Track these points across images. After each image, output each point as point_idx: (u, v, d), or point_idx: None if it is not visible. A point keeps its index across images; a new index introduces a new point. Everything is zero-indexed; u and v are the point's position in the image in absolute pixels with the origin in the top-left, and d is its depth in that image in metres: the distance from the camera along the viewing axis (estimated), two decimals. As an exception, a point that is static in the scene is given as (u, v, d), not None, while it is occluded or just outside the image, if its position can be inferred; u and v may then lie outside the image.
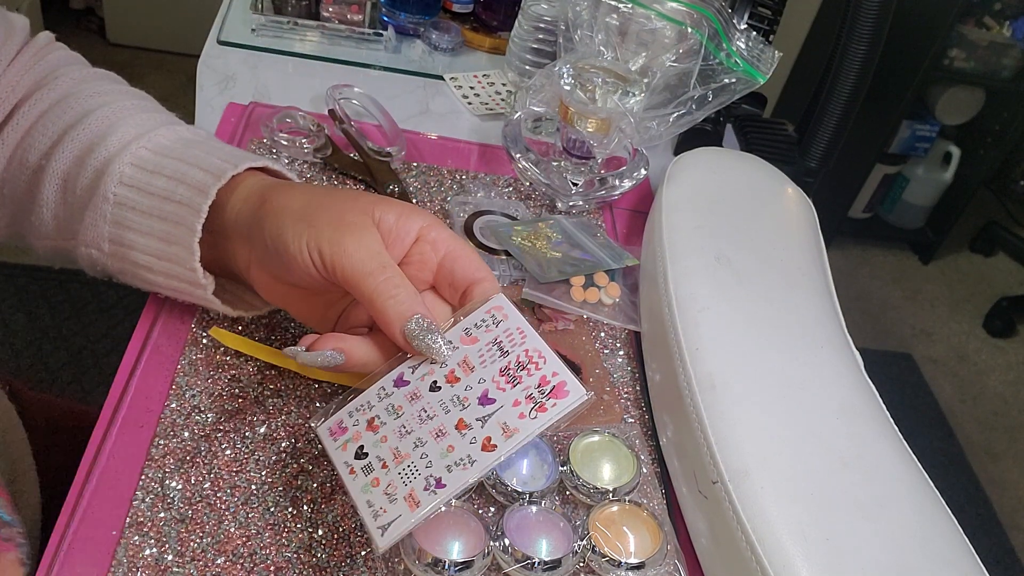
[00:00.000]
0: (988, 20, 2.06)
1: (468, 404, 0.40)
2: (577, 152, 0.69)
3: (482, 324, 0.42)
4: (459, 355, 0.42)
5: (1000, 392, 2.06)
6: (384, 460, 0.40)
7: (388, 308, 0.40)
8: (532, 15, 0.80)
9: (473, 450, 0.39)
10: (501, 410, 0.40)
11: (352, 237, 0.41)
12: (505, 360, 0.41)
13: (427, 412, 0.41)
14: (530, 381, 0.40)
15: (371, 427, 0.41)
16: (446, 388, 0.41)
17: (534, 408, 0.39)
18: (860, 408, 0.49)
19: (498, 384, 0.40)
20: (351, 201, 0.43)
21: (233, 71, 0.78)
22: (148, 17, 2.25)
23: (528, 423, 0.39)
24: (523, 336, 0.41)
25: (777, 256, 0.58)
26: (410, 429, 0.40)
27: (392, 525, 0.38)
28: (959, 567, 0.43)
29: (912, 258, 2.46)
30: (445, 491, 0.38)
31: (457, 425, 0.40)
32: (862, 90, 0.76)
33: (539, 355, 0.41)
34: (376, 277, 0.41)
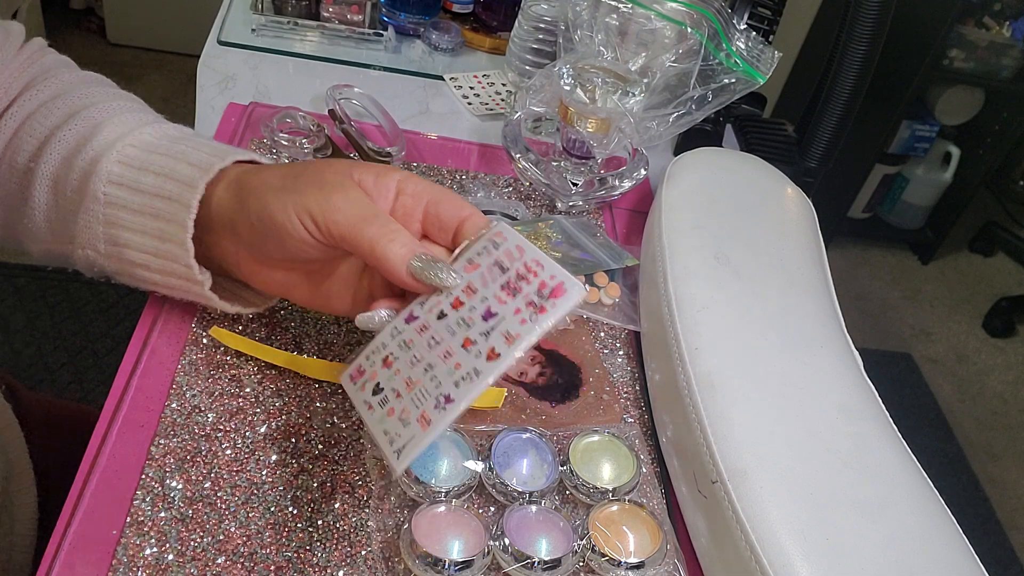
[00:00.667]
0: (988, 20, 2.07)
1: (472, 323, 0.40)
2: (577, 152, 0.69)
3: (482, 251, 0.43)
4: (463, 282, 0.42)
5: (999, 392, 2.06)
6: (398, 390, 0.41)
7: (389, 252, 0.41)
8: (532, 15, 0.81)
9: (479, 363, 0.39)
10: (503, 321, 0.40)
11: (339, 194, 0.42)
12: (505, 276, 0.41)
13: (435, 339, 0.41)
14: (529, 288, 0.40)
15: (386, 364, 0.42)
16: (451, 313, 0.41)
17: (534, 311, 0.39)
18: (859, 408, 0.49)
19: (500, 299, 0.41)
20: (328, 166, 0.44)
21: (233, 71, 0.78)
22: (148, 17, 2.25)
23: (529, 327, 0.39)
24: (521, 252, 0.41)
25: (777, 256, 0.59)
26: (420, 357, 0.41)
27: (407, 447, 0.39)
28: (958, 567, 0.43)
29: (912, 258, 2.47)
30: (454, 405, 0.39)
31: (463, 344, 0.40)
32: (862, 90, 0.76)
33: (537, 264, 0.41)
34: (371, 224, 0.41)
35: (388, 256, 0.40)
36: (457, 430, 0.48)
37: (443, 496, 0.44)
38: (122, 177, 0.45)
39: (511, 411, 0.51)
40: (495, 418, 0.50)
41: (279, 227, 0.42)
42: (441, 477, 0.45)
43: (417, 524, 0.42)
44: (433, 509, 0.44)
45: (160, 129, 0.49)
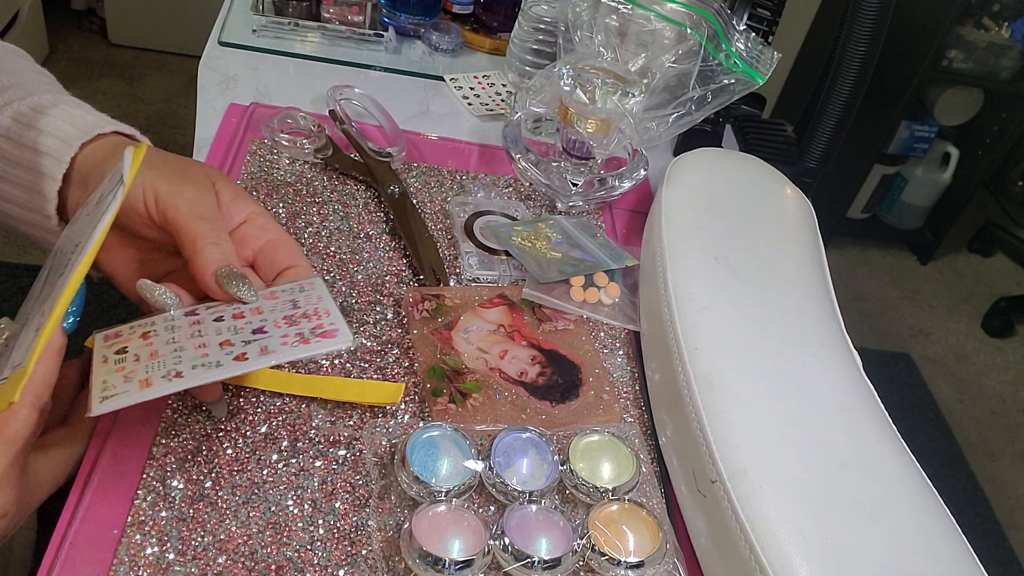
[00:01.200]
0: (987, 21, 2.07)
1: (241, 332, 0.42)
2: (577, 153, 0.70)
3: (289, 290, 0.45)
4: (256, 302, 0.44)
5: (998, 392, 2.07)
6: (139, 355, 0.41)
7: (208, 251, 0.43)
8: (532, 16, 0.81)
9: (224, 359, 0.40)
10: (267, 338, 0.41)
11: (193, 188, 0.44)
12: (293, 311, 0.43)
13: (200, 332, 0.42)
14: (306, 326, 0.42)
15: (143, 336, 0.43)
16: (228, 321, 0.43)
17: (299, 340, 0.41)
18: (858, 408, 0.49)
19: (276, 323, 0.42)
20: (196, 165, 0.47)
21: (234, 72, 0.79)
22: (149, 18, 2.25)
23: (287, 349, 0.40)
24: (319, 300, 0.43)
25: (776, 256, 0.59)
26: (177, 340, 0.42)
27: (114, 397, 0.39)
28: (957, 566, 0.43)
29: (911, 258, 2.47)
30: (180, 381, 0.39)
31: (221, 343, 0.41)
32: (861, 91, 0.76)
33: (327, 312, 0.43)
34: (206, 223, 0.43)
35: (204, 254, 0.43)
36: (457, 429, 0.48)
37: (443, 495, 0.45)
38: (9, 131, 0.48)
39: (511, 411, 0.51)
40: (495, 418, 0.50)
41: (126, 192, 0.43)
42: (441, 477, 0.45)
43: (417, 523, 0.42)
44: (433, 508, 0.44)
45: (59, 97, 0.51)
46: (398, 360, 0.54)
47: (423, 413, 0.51)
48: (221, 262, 0.43)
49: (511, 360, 0.55)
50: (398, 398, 0.49)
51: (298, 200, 0.63)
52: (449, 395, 0.51)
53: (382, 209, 0.65)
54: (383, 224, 0.64)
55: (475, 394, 0.52)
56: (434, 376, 0.52)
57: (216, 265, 0.43)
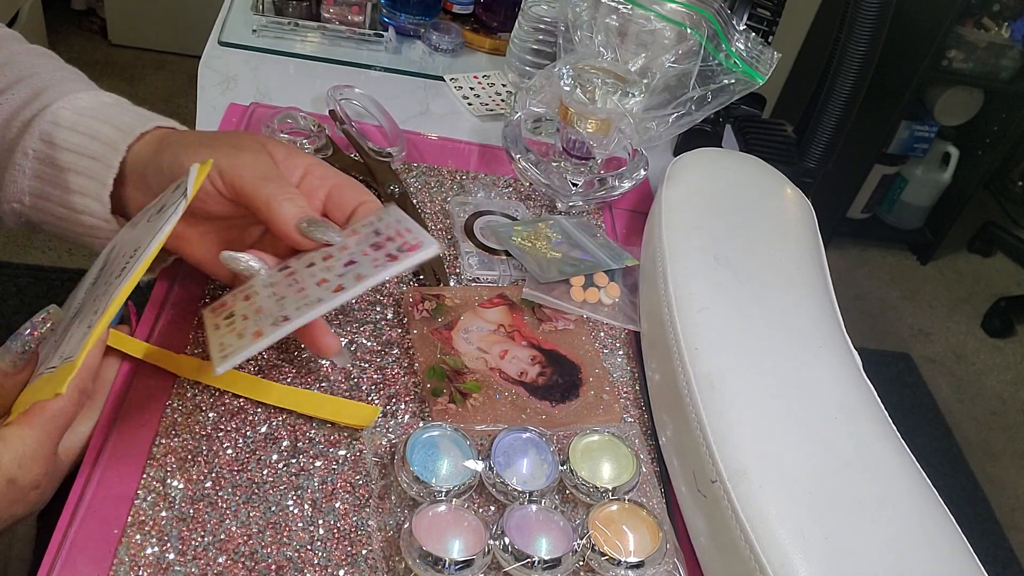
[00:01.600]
0: (987, 21, 2.07)
1: (332, 268, 0.44)
2: (577, 153, 0.70)
3: (368, 223, 0.46)
4: (342, 242, 0.46)
5: (998, 392, 2.07)
6: (246, 314, 0.44)
7: (284, 208, 0.44)
8: (532, 16, 0.81)
9: (324, 294, 0.42)
10: (358, 266, 0.43)
11: (250, 155, 0.46)
12: (377, 238, 0.45)
13: (297, 281, 0.44)
14: (392, 245, 0.44)
15: (246, 299, 0.45)
16: (319, 264, 0.45)
17: (387, 259, 0.43)
18: (858, 408, 0.49)
19: (364, 251, 0.44)
20: (245, 135, 0.48)
21: (234, 72, 0.79)
22: (149, 18, 2.25)
23: (379, 270, 0.42)
24: (398, 222, 0.45)
25: (776, 256, 0.59)
26: (277, 293, 0.44)
27: (233, 353, 0.42)
28: (957, 566, 0.43)
29: (910, 258, 2.47)
30: (289, 324, 0.41)
31: (318, 282, 0.43)
32: (861, 91, 0.76)
33: (407, 230, 0.45)
34: (273, 183, 0.45)
35: (282, 212, 0.44)
36: (457, 429, 0.48)
37: (443, 495, 0.45)
38: (52, 136, 0.48)
39: (511, 411, 0.51)
40: (495, 418, 0.50)
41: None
42: (441, 477, 0.45)
43: (417, 523, 0.42)
44: (433, 508, 0.44)
45: (95, 96, 0.51)
46: (398, 360, 0.54)
47: (423, 413, 0.51)
48: (299, 214, 0.44)
49: (511, 360, 0.55)
50: (371, 422, 0.48)
51: (298, 200, 0.63)
52: (449, 395, 0.51)
53: (382, 209, 0.65)
54: (383, 224, 0.64)
55: (475, 394, 0.52)
56: (434, 376, 0.52)
57: (294, 219, 0.44)
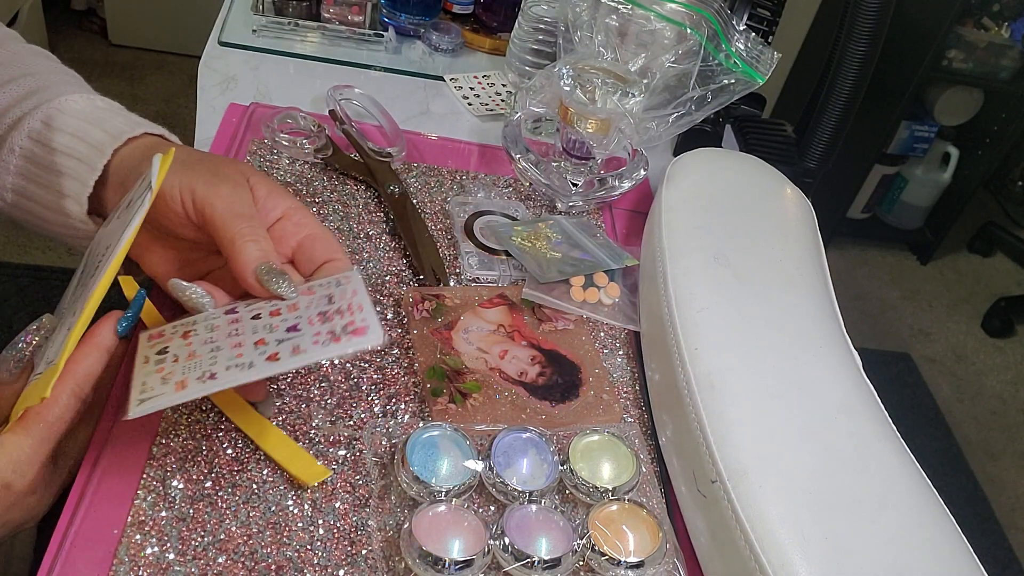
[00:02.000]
0: (987, 21, 2.07)
1: (276, 329, 0.42)
2: (577, 153, 0.70)
3: (325, 284, 0.45)
4: (294, 299, 0.44)
5: (998, 392, 2.07)
6: (178, 356, 0.42)
7: (248, 248, 0.43)
8: (532, 16, 0.81)
9: (257, 358, 0.41)
10: (300, 336, 0.42)
11: (228, 186, 0.44)
12: (328, 307, 0.43)
13: (237, 332, 0.43)
14: (340, 322, 0.42)
15: (184, 336, 0.44)
16: (265, 319, 0.43)
17: (330, 339, 0.41)
18: (858, 408, 0.49)
19: (310, 320, 0.42)
20: (230, 163, 0.47)
21: (234, 72, 0.79)
22: (149, 18, 2.25)
23: (318, 348, 0.41)
24: (354, 294, 0.43)
25: (776, 256, 0.59)
26: (216, 342, 0.43)
27: (152, 399, 0.40)
28: (957, 566, 0.43)
29: (910, 258, 2.47)
30: (213, 383, 0.40)
31: (256, 342, 0.42)
32: (861, 91, 0.76)
33: (360, 307, 0.43)
34: (244, 221, 0.44)
35: (244, 253, 0.43)
36: (457, 429, 0.48)
37: (443, 495, 0.45)
38: (40, 134, 0.48)
39: (511, 411, 0.51)
40: (495, 418, 0.50)
41: (161, 194, 0.44)
42: (441, 477, 0.45)
43: (417, 523, 0.42)
44: (433, 508, 0.44)
45: (88, 99, 0.51)
46: (398, 360, 0.54)
47: (423, 413, 0.51)
48: (261, 259, 0.43)
49: (511, 360, 0.55)
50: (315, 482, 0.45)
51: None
52: (449, 395, 0.51)
53: (382, 209, 0.65)
54: (383, 224, 0.64)
55: (475, 394, 0.52)
56: (434, 376, 0.52)
57: (256, 262, 0.43)
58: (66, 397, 0.41)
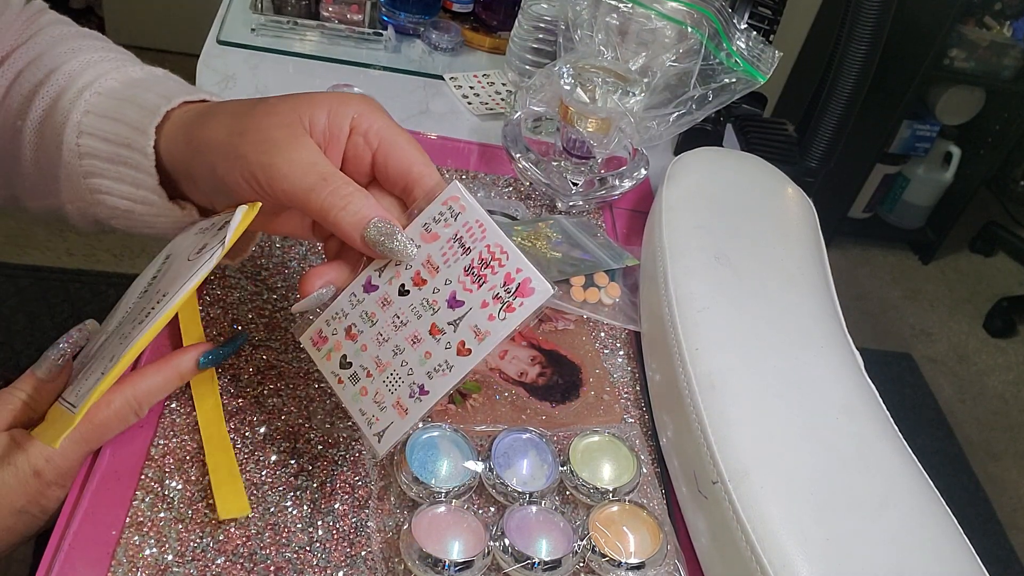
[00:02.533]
0: (988, 20, 2.06)
1: (438, 307, 0.40)
2: (577, 152, 0.69)
3: (440, 218, 0.41)
4: (422, 254, 0.41)
5: (1000, 392, 2.06)
6: (368, 369, 0.41)
7: (341, 220, 0.39)
8: (532, 15, 0.80)
9: (449, 355, 0.40)
10: (471, 312, 0.40)
11: (281, 156, 0.39)
12: (468, 258, 0.40)
13: (400, 318, 0.41)
14: (495, 280, 0.40)
15: (349, 336, 0.42)
16: (414, 291, 0.41)
17: (502, 308, 0.39)
18: (860, 408, 0.49)
19: (464, 285, 0.40)
20: (274, 115, 0.41)
21: (233, 71, 0.78)
22: (148, 16, 2.25)
23: (498, 325, 0.39)
24: (483, 230, 0.40)
25: (777, 256, 0.58)
26: (387, 336, 0.41)
27: (387, 432, 0.40)
28: (958, 566, 0.43)
29: (912, 258, 2.47)
30: (429, 397, 0.40)
31: (431, 330, 0.40)
32: (862, 90, 0.76)
33: (501, 250, 0.40)
34: (320, 192, 0.39)
35: (341, 224, 0.39)
36: (457, 430, 0.48)
37: (443, 496, 0.44)
38: (90, 127, 0.45)
39: (511, 411, 0.51)
40: (495, 418, 0.50)
41: (230, 188, 0.41)
42: (441, 477, 0.45)
43: (417, 524, 0.42)
44: (433, 509, 0.44)
45: (125, 73, 0.47)
46: (398, 360, 0.53)
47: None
48: (359, 224, 0.39)
49: (511, 360, 0.54)
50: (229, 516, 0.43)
51: (297, 200, 0.63)
52: (449, 395, 0.51)
53: (382, 209, 0.65)
54: (383, 224, 0.64)
55: (475, 394, 0.51)
56: (434, 376, 0.52)
57: (357, 230, 0.39)
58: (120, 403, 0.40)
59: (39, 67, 0.49)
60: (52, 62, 0.48)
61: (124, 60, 0.50)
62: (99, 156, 0.45)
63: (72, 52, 0.49)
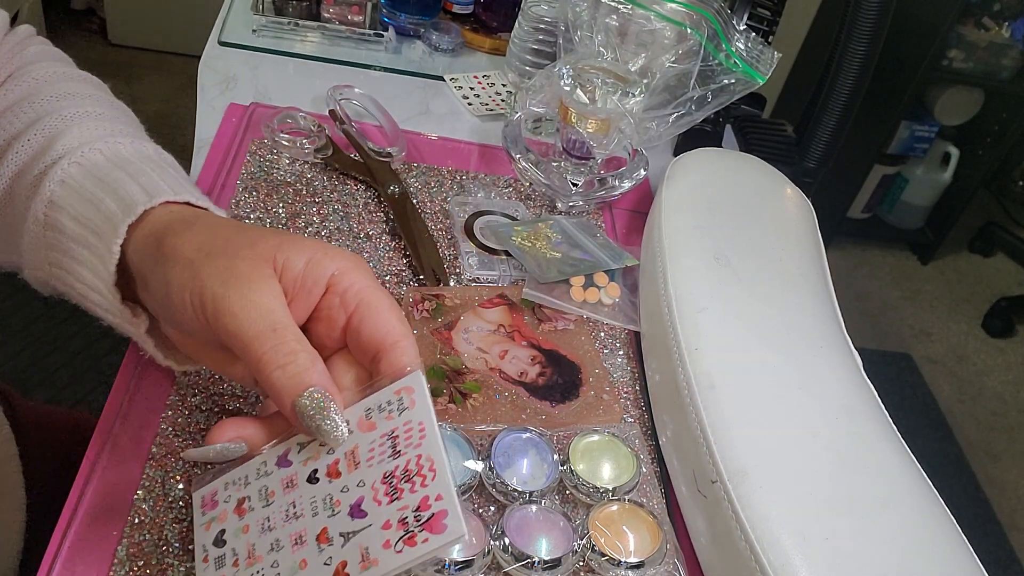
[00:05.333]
0: (987, 21, 2.07)
1: (338, 511, 0.35)
2: (577, 153, 0.70)
3: (386, 407, 0.36)
4: (350, 442, 0.36)
5: (999, 392, 2.07)
6: (237, 557, 0.36)
7: (275, 379, 0.34)
8: (532, 16, 0.81)
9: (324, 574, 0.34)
10: (368, 530, 0.34)
11: (238, 293, 0.35)
12: (393, 463, 0.34)
13: (295, 508, 0.36)
14: (410, 500, 0.34)
15: (239, 510, 0.37)
16: (323, 483, 0.36)
17: (402, 539, 0.33)
18: (859, 408, 0.49)
19: (376, 494, 0.34)
20: (248, 247, 0.36)
21: (234, 72, 0.79)
22: (149, 18, 2.25)
23: (390, 557, 0.33)
24: (422, 436, 0.35)
25: (776, 256, 0.59)
26: (273, 525, 0.36)
27: None
28: (958, 567, 0.43)
29: (911, 258, 2.47)
30: None
31: (319, 536, 0.34)
32: (861, 90, 0.76)
33: (431, 466, 0.34)
34: (263, 342, 0.34)
35: (273, 383, 0.34)
36: (457, 429, 0.48)
37: (443, 496, 0.44)
38: (63, 201, 0.40)
39: (511, 411, 0.51)
40: (495, 418, 0.50)
41: (174, 307, 0.37)
42: (441, 477, 0.45)
43: (417, 524, 0.42)
44: (433, 509, 0.44)
45: (112, 146, 0.42)
46: (398, 360, 0.53)
47: (423, 413, 0.51)
48: (294, 391, 0.34)
49: (511, 360, 0.55)
50: None
51: (298, 200, 0.63)
52: (449, 395, 0.51)
53: (382, 209, 0.65)
54: (383, 224, 0.64)
55: (475, 394, 0.52)
56: (434, 376, 0.52)
57: (290, 396, 0.34)
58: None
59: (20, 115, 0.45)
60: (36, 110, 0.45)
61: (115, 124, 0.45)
62: (64, 233, 0.40)
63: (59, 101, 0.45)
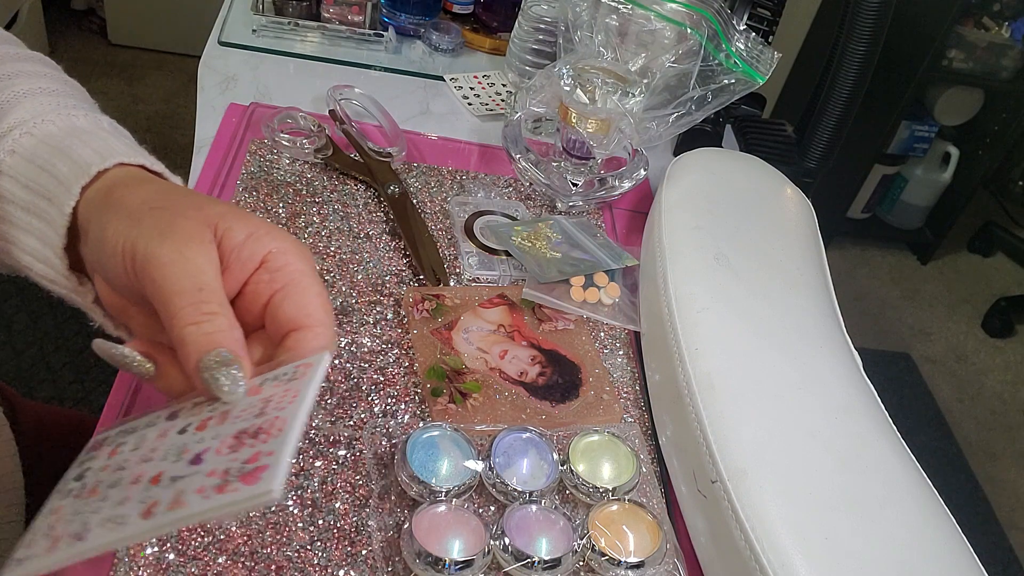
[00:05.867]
0: (987, 21, 2.07)
1: (182, 458, 0.33)
2: (577, 153, 0.70)
3: (280, 377, 0.34)
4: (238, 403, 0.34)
5: (998, 392, 2.07)
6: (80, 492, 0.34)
7: (187, 334, 0.33)
8: (532, 16, 0.81)
9: (133, 513, 0.31)
10: (195, 476, 0.31)
11: (172, 247, 0.34)
12: (252, 422, 0.32)
13: (153, 454, 0.34)
14: (245, 452, 0.31)
15: (112, 452, 0.35)
16: (188, 434, 0.34)
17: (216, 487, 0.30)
18: (859, 408, 0.49)
19: (221, 446, 0.32)
20: (194, 209, 0.36)
21: (234, 72, 0.79)
22: (149, 18, 2.25)
23: (196, 501, 0.30)
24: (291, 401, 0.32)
25: (776, 256, 0.59)
26: (124, 466, 0.34)
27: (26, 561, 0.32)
28: (957, 566, 0.43)
29: (911, 258, 2.47)
30: (80, 545, 0.31)
31: (153, 479, 0.32)
32: (861, 90, 0.76)
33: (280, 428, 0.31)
34: (185, 298, 0.33)
35: (184, 339, 0.33)
36: (457, 429, 0.48)
37: (443, 495, 0.45)
38: (13, 169, 0.40)
39: (511, 411, 0.51)
40: (495, 418, 0.50)
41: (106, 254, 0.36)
42: (441, 477, 0.45)
43: (417, 523, 0.42)
44: (433, 508, 0.44)
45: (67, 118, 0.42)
46: (398, 360, 0.54)
47: (423, 413, 0.51)
48: (204, 347, 0.33)
49: (511, 360, 0.55)
50: None
51: (298, 200, 0.63)
52: (449, 395, 0.51)
53: (382, 209, 0.65)
54: (383, 224, 0.64)
55: (475, 394, 0.52)
56: (434, 376, 0.52)
57: (197, 352, 0.33)
58: None
59: None
60: None
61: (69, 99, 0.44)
62: (15, 202, 0.40)
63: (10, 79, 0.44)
